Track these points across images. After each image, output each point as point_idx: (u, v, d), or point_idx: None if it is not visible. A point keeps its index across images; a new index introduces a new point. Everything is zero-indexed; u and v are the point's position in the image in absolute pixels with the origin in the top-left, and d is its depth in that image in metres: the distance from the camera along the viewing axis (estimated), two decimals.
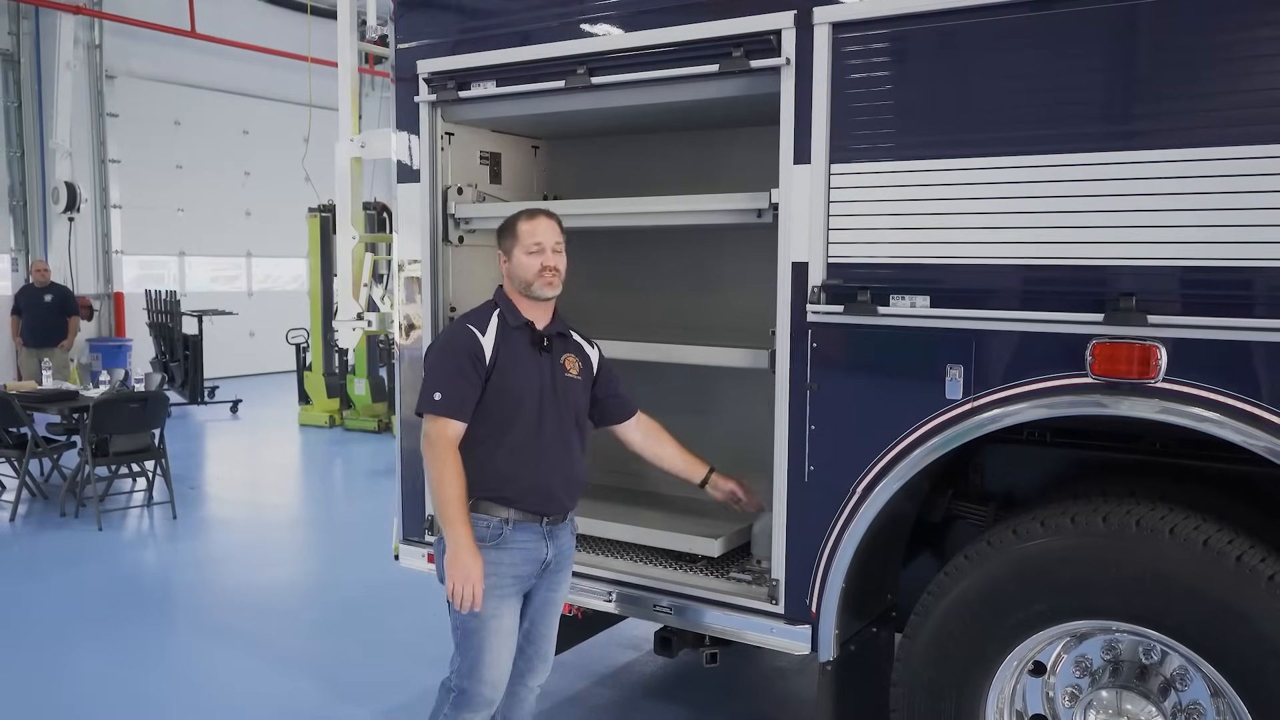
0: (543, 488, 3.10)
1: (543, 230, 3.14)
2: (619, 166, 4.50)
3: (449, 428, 3.00)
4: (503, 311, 3.15)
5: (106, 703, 4.61)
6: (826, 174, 3.03)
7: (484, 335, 3.07)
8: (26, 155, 14.30)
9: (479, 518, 3.05)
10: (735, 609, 3.36)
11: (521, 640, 3.23)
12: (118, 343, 14.50)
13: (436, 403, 3.01)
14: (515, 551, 3.08)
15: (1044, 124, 2.71)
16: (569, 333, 3.31)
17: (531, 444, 3.08)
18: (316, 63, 11.42)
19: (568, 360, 3.22)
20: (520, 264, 3.12)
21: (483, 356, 3.04)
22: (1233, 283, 2.51)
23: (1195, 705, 2.74)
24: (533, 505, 3.09)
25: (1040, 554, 2.80)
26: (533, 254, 3.10)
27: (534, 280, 3.10)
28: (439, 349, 3.17)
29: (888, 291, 2.95)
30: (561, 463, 3.14)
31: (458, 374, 3.03)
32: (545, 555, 3.15)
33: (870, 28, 2.94)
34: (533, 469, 3.08)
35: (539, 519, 3.11)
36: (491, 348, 3.05)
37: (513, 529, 3.07)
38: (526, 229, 3.14)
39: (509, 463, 3.06)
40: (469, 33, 3.80)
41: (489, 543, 3.04)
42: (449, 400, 3.01)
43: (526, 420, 3.07)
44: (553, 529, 3.15)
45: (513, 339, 3.11)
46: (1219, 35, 2.51)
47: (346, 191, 4.25)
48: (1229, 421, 2.53)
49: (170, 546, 7.35)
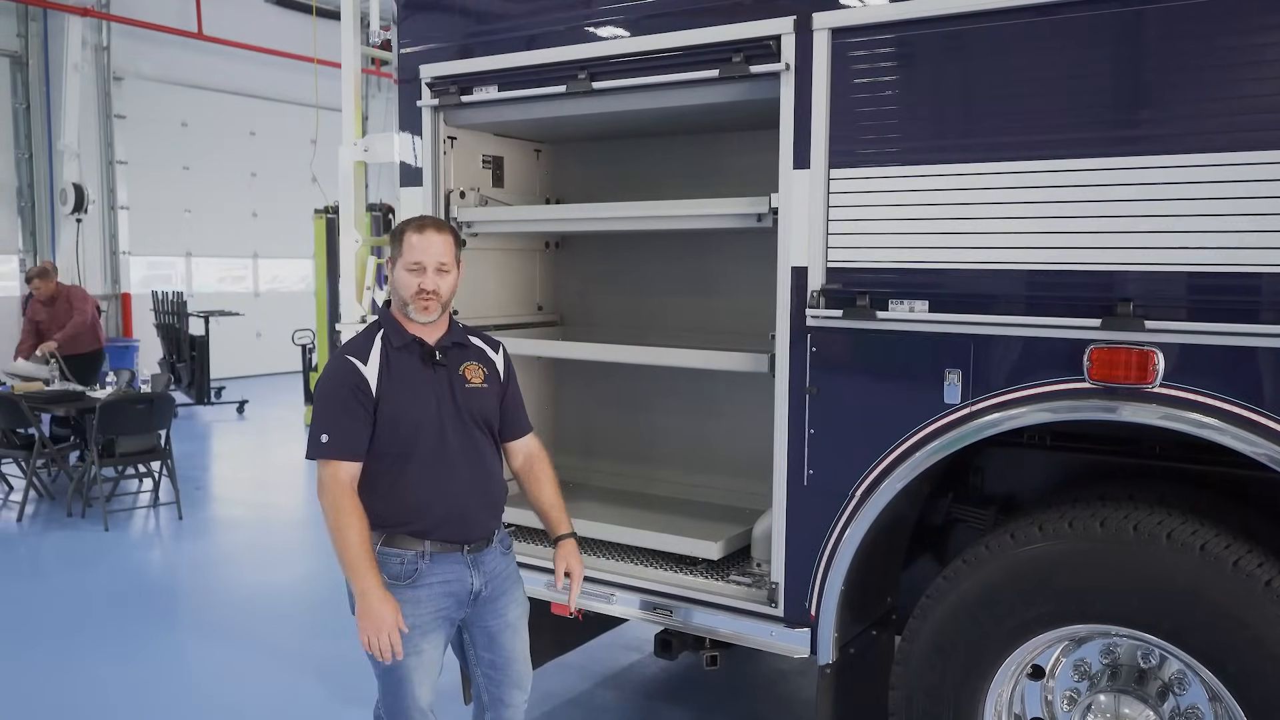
0: (457, 514, 2.90)
1: (429, 246, 2.85)
2: (621, 170, 4.52)
3: (341, 470, 2.79)
4: (386, 332, 2.90)
5: (111, 702, 4.63)
6: (826, 179, 3.04)
7: (365, 365, 2.83)
8: (34, 157, 14.35)
9: (391, 553, 2.85)
10: (735, 612, 3.37)
11: (489, 670, 3.08)
12: (125, 343, 14.53)
13: (324, 445, 2.80)
14: (434, 586, 2.87)
15: (1041, 130, 2.72)
16: (467, 341, 3.03)
17: (438, 468, 2.86)
18: (323, 64, 11.44)
19: (468, 370, 2.97)
20: (399, 280, 2.88)
21: (366, 388, 2.81)
22: (1230, 288, 2.52)
23: (1193, 709, 2.75)
24: (449, 534, 2.89)
25: (1038, 559, 2.80)
26: (412, 272, 2.84)
27: (410, 301, 2.86)
28: (319, 389, 2.90)
29: (886, 296, 2.96)
30: (476, 482, 2.94)
31: (342, 412, 2.80)
32: (472, 586, 2.93)
33: (869, 33, 2.95)
34: (443, 495, 2.87)
35: (459, 548, 2.91)
36: (375, 377, 2.82)
37: (430, 562, 2.86)
38: (411, 242, 2.85)
39: (416, 492, 2.84)
40: (471, 37, 3.82)
41: (404, 580, 2.84)
42: (336, 441, 2.80)
43: (427, 444, 2.85)
44: (477, 557, 2.94)
45: (399, 360, 2.87)
46: (1217, 42, 2.51)
47: (349, 195, 4.27)
48: (1227, 427, 2.53)
49: (175, 547, 7.38)
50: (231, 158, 16.52)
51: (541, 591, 3.66)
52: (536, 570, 3.68)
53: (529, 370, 4.42)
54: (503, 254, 4.43)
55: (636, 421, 4.59)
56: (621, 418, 4.64)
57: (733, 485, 4.24)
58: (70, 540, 7.33)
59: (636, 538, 3.79)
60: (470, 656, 3.13)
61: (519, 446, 3.14)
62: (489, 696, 3.14)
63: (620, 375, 4.47)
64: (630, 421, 4.61)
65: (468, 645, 3.11)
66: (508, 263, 4.48)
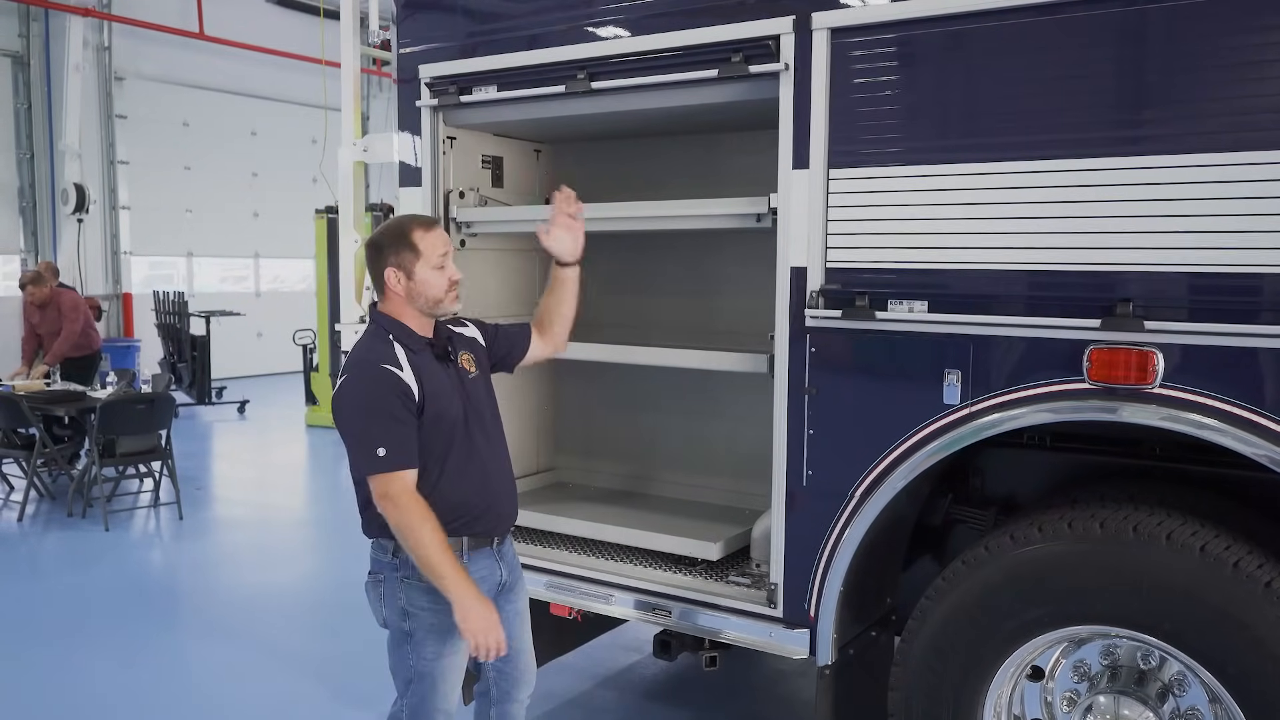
0: (492, 507, 2.93)
1: (442, 239, 2.86)
2: (620, 170, 4.52)
3: (406, 480, 2.73)
4: (396, 339, 2.83)
5: (111, 703, 4.63)
6: (825, 179, 3.04)
7: (403, 372, 2.77)
8: (36, 157, 14.37)
9: None
10: (734, 612, 3.37)
11: (500, 662, 3.07)
12: (126, 343, 14.54)
13: (384, 459, 2.71)
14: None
15: (1040, 130, 2.72)
16: (451, 331, 3.02)
17: (470, 464, 2.88)
18: (330, 65, 11.43)
19: (465, 360, 2.98)
20: (428, 281, 2.82)
21: (410, 394, 2.76)
22: (1230, 289, 2.51)
23: (1193, 710, 2.74)
24: (485, 528, 2.92)
25: (1037, 560, 2.80)
26: (440, 268, 2.83)
27: (444, 297, 2.85)
28: (360, 401, 2.78)
29: (886, 296, 2.96)
30: (501, 473, 2.98)
31: (393, 421, 2.73)
32: (501, 577, 2.98)
33: (869, 33, 2.94)
34: (479, 490, 2.89)
35: (490, 542, 2.95)
36: (415, 381, 2.78)
37: (468, 560, 2.86)
38: (428, 241, 2.83)
39: (455, 490, 2.84)
40: (471, 37, 3.82)
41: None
42: (394, 452, 2.72)
43: (460, 441, 2.86)
44: (501, 548, 2.99)
45: (421, 363, 2.83)
46: (1218, 41, 2.50)
47: (349, 195, 4.27)
48: (1228, 428, 2.53)
49: (176, 547, 7.39)
50: (232, 158, 16.54)
51: (541, 592, 3.66)
52: (536, 571, 3.67)
53: (528, 370, 4.40)
54: (502, 254, 4.43)
55: (636, 422, 4.59)
56: (621, 418, 4.63)
57: (732, 486, 4.24)
58: (71, 540, 7.34)
59: (635, 538, 3.79)
60: None
61: (536, 334, 3.24)
62: (498, 690, 3.15)
63: (620, 375, 4.47)
64: (630, 422, 4.61)
65: None
66: (507, 263, 4.48)
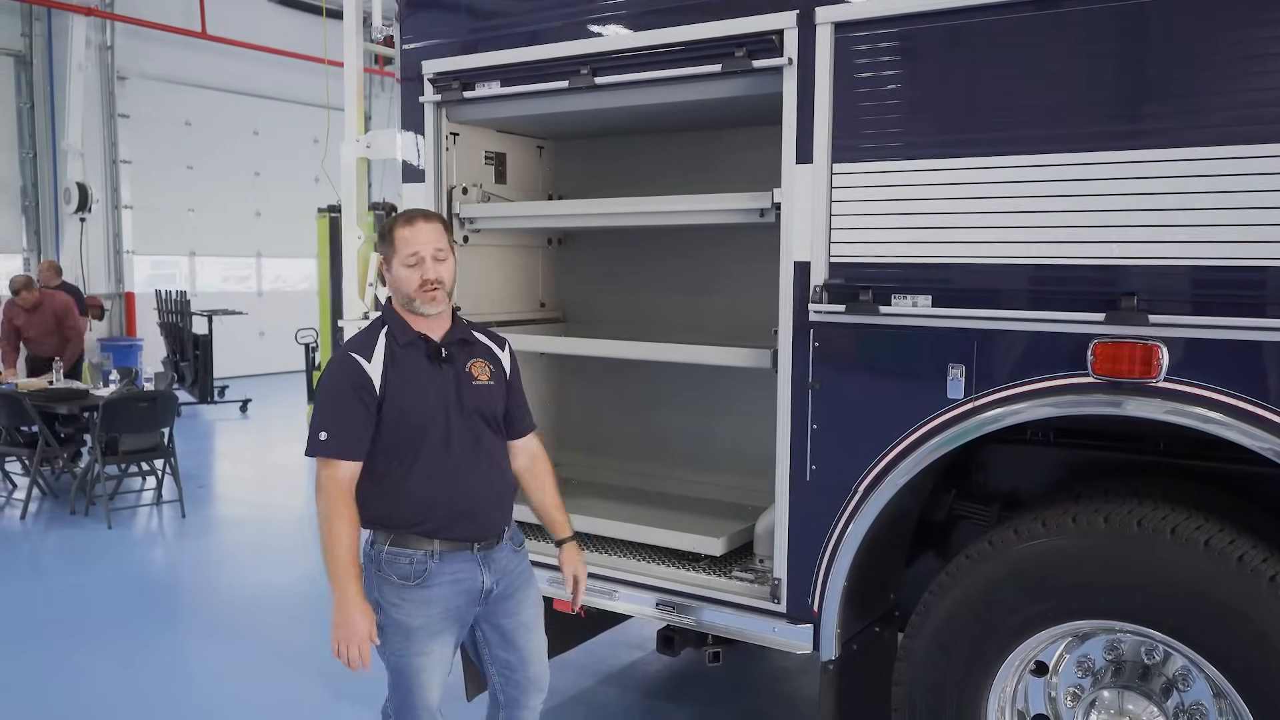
0: (466, 512, 2.86)
1: (421, 237, 2.80)
2: (623, 166, 4.52)
3: (340, 470, 2.75)
4: (391, 329, 2.84)
5: (111, 702, 4.63)
6: (829, 173, 3.04)
7: (369, 362, 2.77)
8: (39, 156, 14.40)
9: (401, 553, 2.82)
10: (737, 608, 3.37)
11: (505, 670, 3.07)
12: (128, 342, 14.57)
13: (322, 444, 2.74)
14: (444, 586, 2.83)
15: (1045, 123, 2.71)
16: (472, 337, 2.99)
17: (446, 467, 2.83)
18: (333, 65, 11.45)
19: (474, 366, 2.92)
20: (399, 277, 2.81)
21: (370, 386, 2.75)
22: (1235, 282, 2.50)
23: (1198, 705, 2.74)
24: (459, 533, 2.85)
25: (1041, 555, 2.79)
26: (411, 266, 2.79)
27: (415, 295, 2.80)
28: (321, 385, 2.85)
29: (889, 291, 2.95)
30: (485, 479, 2.90)
31: (343, 410, 2.75)
32: (483, 584, 2.90)
33: (872, 27, 2.94)
34: (451, 493, 2.83)
35: (469, 546, 2.87)
36: (380, 374, 2.77)
37: (440, 561, 2.82)
38: (404, 236, 2.80)
39: (425, 490, 2.81)
40: (474, 33, 3.82)
41: (414, 580, 2.80)
42: (336, 440, 2.74)
43: (434, 442, 2.81)
44: (487, 554, 2.91)
45: (405, 358, 2.81)
46: (1220, 35, 2.50)
47: (351, 191, 4.26)
48: (1233, 422, 2.52)
49: (178, 545, 7.39)
50: (235, 157, 16.56)
51: (545, 588, 3.64)
52: (540, 566, 3.66)
53: (532, 367, 4.41)
54: (505, 250, 4.43)
55: (639, 418, 4.59)
56: (624, 414, 4.63)
57: (735, 481, 4.23)
58: (73, 538, 7.34)
59: (639, 534, 3.78)
60: (485, 655, 3.09)
61: (522, 446, 3.10)
62: (505, 697, 3.12)
63: (623, 371, 4.47)
64: (633, 418, 4.60)
65: (481, 644, 3.08)
66: (510, 259, 4.48)
